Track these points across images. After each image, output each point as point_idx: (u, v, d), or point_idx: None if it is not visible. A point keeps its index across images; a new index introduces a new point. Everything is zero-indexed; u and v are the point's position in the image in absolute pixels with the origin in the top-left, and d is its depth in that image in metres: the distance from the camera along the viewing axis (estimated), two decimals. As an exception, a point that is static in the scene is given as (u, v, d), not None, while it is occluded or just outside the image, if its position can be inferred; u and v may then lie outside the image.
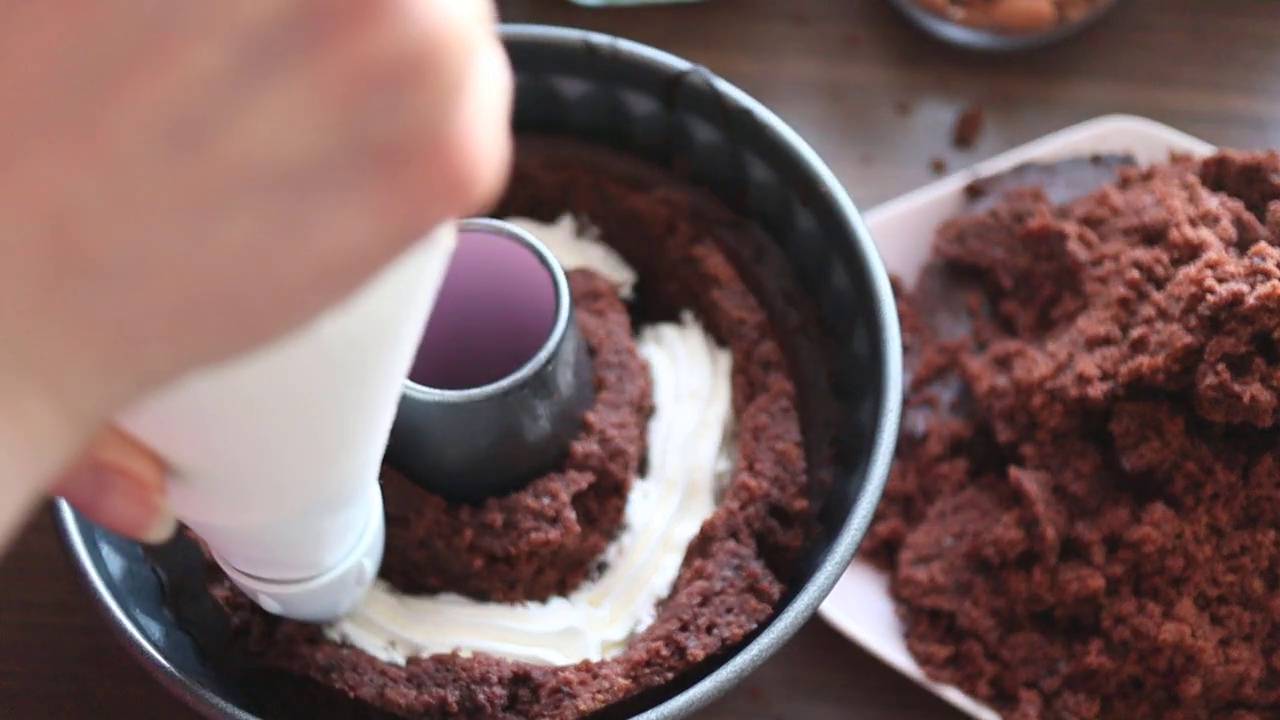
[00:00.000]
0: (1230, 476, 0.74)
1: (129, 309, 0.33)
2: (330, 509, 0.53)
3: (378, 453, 0.51)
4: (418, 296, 0.43)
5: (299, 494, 0.50)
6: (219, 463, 0.45)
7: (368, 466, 0.52)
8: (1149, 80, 1.00)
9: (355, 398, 0.45)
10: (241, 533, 0.53)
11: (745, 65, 1.00)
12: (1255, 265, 0.72)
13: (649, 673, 0.66)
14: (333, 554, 0.58)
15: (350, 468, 0.50)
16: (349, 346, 0.42)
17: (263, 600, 0.62)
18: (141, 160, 0.31)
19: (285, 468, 0.47)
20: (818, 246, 0.75)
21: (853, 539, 0.66)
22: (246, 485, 0.47)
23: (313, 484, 0.49)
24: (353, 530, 0.58)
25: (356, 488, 0.53)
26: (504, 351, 0.68)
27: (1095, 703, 0.76)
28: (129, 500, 0.44)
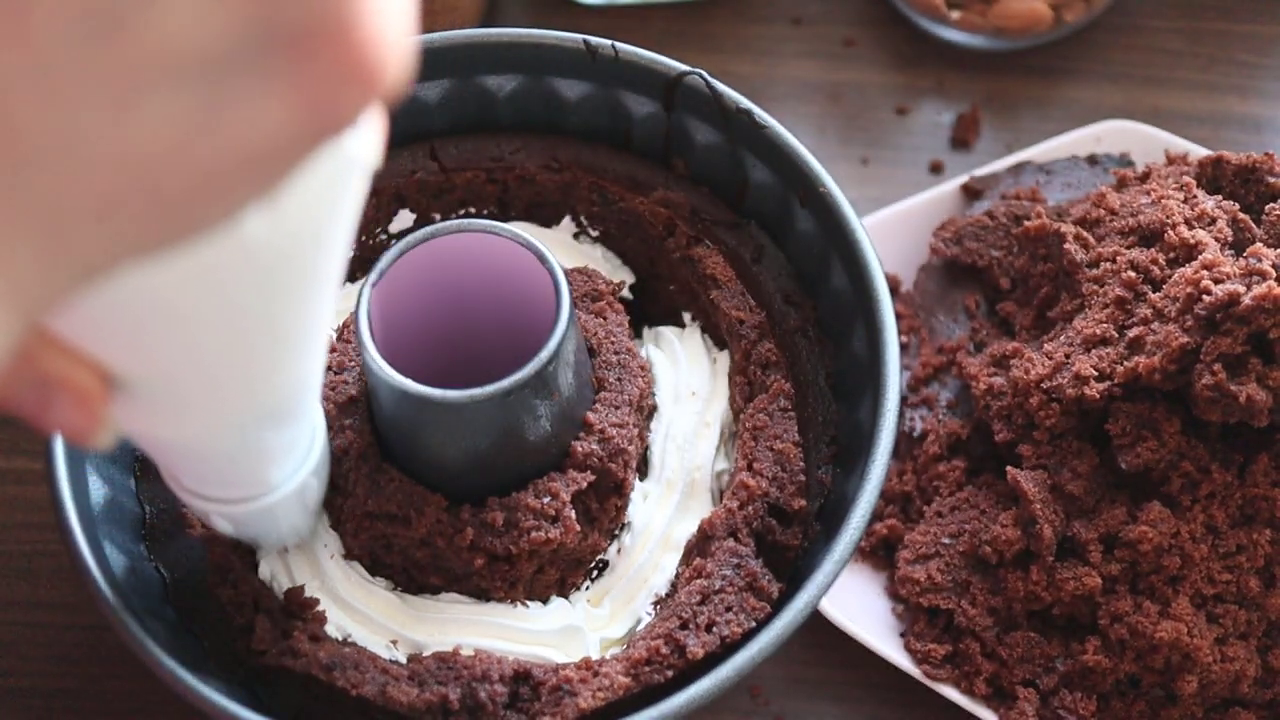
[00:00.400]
0: (1226, 476, 0.75)
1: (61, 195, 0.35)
2: (271, 423, 0.54)
3: (315, 372, 0.53)
4: (338, 205, 0.45)
5: (236, 405, 0.51)
6: (156, 369, 0.47)
7: (304, 383, 0.53)
8: (1145, 82, 1.01)
9: (283, 305, 0.46)
10: (186, 446, 0.54)
11: (744, 67, 1.01)
12: (1251, 266, 0.73)
13: (649, 671, 0.66)
14: (278, 471, 0.59)
15: (285, 381, 0.51)
16: (273, 248, 0.43)
17: (215, 521, 0.62)
18: (64, 44, 0.33)
19: (220, 375, 0.48)
20: (816, 247, 0.76)
21: (851, 538, 0.66)
22: (184, 394, 0.49)
23: (248, 395, 0.51)
24: (297, 448, 0.59)
25: (295, 404, 0.54)
26: (504, 351, 0.69)
27: (1092, 701, 0.76)
28: (74, 410, 0.45)
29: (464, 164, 0.79)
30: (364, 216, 0.78)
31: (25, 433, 0.87)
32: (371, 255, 0.79)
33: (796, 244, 0.77)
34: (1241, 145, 0.97)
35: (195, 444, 0.54)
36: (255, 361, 0.49)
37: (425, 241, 0.66)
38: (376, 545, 0.69)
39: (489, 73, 0.79)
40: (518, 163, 0.79)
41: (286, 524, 0.65)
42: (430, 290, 0.69)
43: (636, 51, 0.78)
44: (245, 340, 0.47)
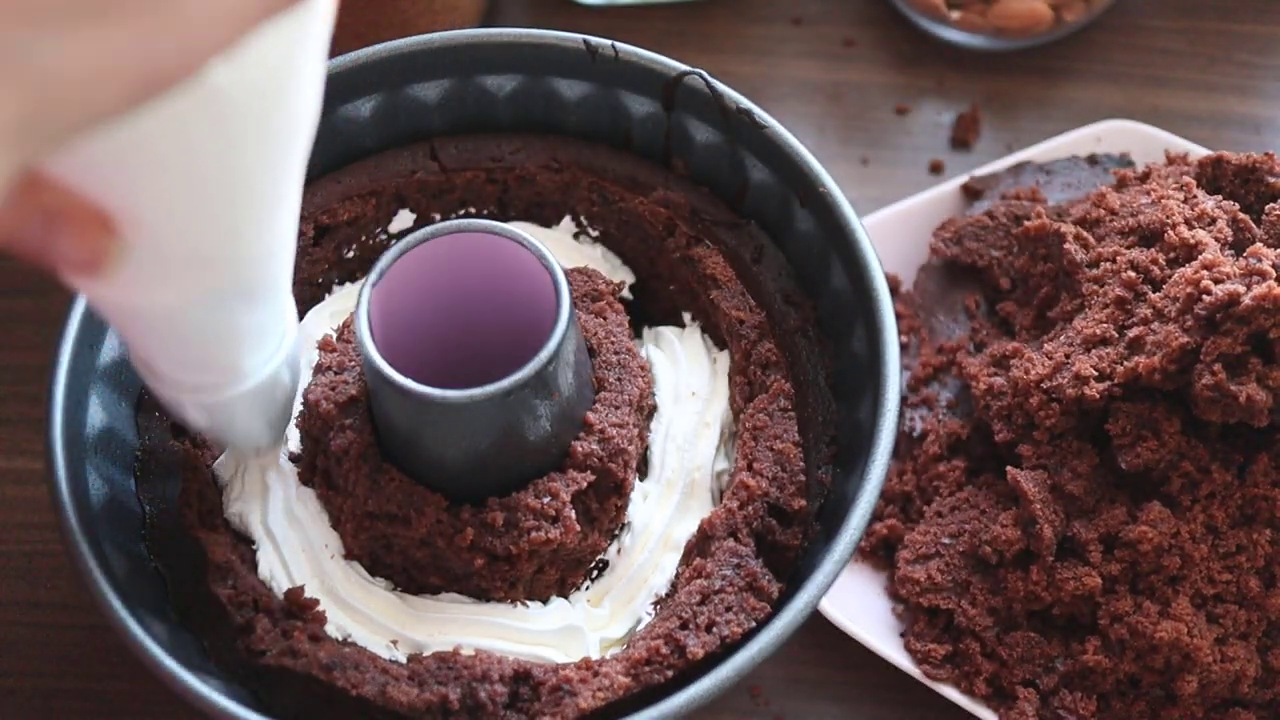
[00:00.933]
0: (1226, 476, 0.75)
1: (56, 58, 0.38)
2: (242, 300, 0.57)
3: (284, 249, 0.56)
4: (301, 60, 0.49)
5: (211, 269, 0.54)
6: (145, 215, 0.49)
7: (273, 257, 0.56)
8: (1145, 82, 1.01)
9: (249, 157, 0.50)
10: (162, 319, 0.56)
11: (744, 67, 1.01)
12: (1251, 266, 0.73)
13: (649, 671, 0.66)
14: (250, 358, 0.61)
15: (256, 249, 0.54)
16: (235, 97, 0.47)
17: (189, 413, 0.63)
18: None
19: (193, 233, 0.51)
20: (816, 247, 0.76)
21: (851, 538, 0.66)
22: (163, 254, 0.51)
23: (222, 259, 0.54)
24: (269, 336, 0.61)
25: (264, 280, 0.57)
26: (504, 351, 0.69)
27: (1092, 701, 0.76)
28: (77, 240, 0.48)
29: (464, 164, 0.79)
30: (364, 216, 0.78)
31: (25, 433, 0.87)
32: (371, 255, 0.79)
33: (796, 244, 0.77)
34: (1241, 145, 0.97)
35: (171, 317, 0.56)
36: (227, 220, 0.52)
37: (425, 241, 0.66)
38: (376, 545, 0.69)
39: (489, 73, 0.79)
40: (518, 163, 0.79)
41: (259, 420, 0.65)
42: (430, 290, 0.69)
43: (636, 51, 0.78)
44: (216, 194, 0.50)
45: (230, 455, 0.73)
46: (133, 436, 0.72)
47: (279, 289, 0.59)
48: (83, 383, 0.70)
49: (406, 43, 0.77)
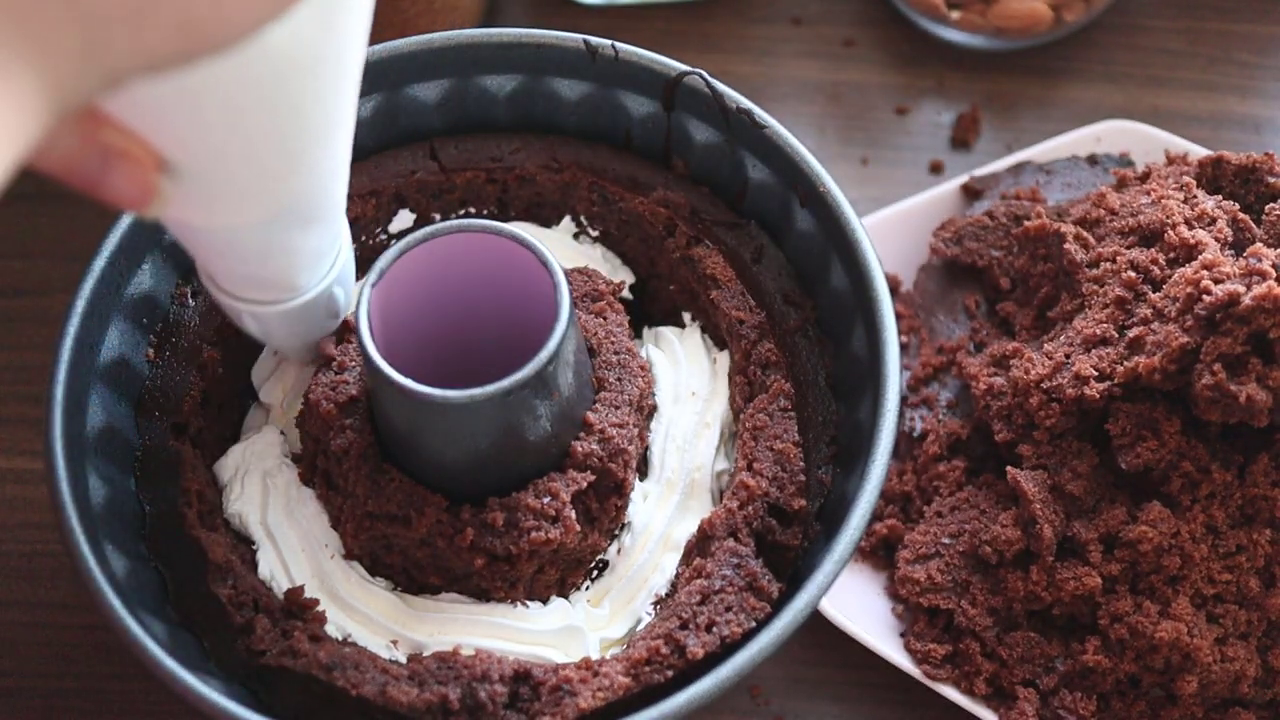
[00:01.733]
0: (1226, 476, 0.75)
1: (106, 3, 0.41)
2: (297, 224, 0.59)
3: (338, 177, 0.59)
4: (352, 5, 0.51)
5: (269, 195, 0.56)
6: (199, 154, 0.52)
7: (327, 185, 0.59)
8: (1145, 82, 1.01)
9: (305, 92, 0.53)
10: (224, 240, 0.59)
11: (744, 67, 1.01)
12: (1251, 266, 0.73)
13: (649, 671, 0.66)
14: (307, 277, 0.64)
15: (311, 176, 0.57)
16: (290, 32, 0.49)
17: (245, 321, 0.66)
18: None
19: (255, 165, 0.54)
20: (816, 247, 0.76)
21: (851, 538, 0.66)
22: (225, 181, 0.54)
23: (280, 186, 0.56)
24: (324, 258, 0.64)
25: (322, 205, 0.60)
26: (505, 351, 0.69)
27: (1092, 701, 0.76)
28: (129, 178, 0.51)
29: (464, 164, 0.79)
30: (364, 216, 0.79)
31: (25, 433, 0.87)
32: (371, 255, 0.79)
33: (796, 244, 0.77)
34: (1241, 145, 0.97)
35: (231, 238, 0.59)
36: (285, 151, 0.54)
37: (425, 241, 0.66)
38: (377, 545, 0.69)
39: (489, 73, 0.79)
40: (517, 163, 0.79)
41: (311, 331, 0.68)
42: (430, 290, 0.69)
43: (636, 51, 0.78)
44: (269, 126, 0.53)
45: (231, 455, 0.73)
46: (133, 436, 0.72)
47: (334, 213, 0.62)
48: (83, 383, 0.70)
49: (406, 43, 0.77)
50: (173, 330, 0.74)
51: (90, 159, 0.50)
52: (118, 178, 0.51)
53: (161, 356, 0.74)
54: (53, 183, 0.50)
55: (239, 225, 0.58)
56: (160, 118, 0.50)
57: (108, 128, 0.50)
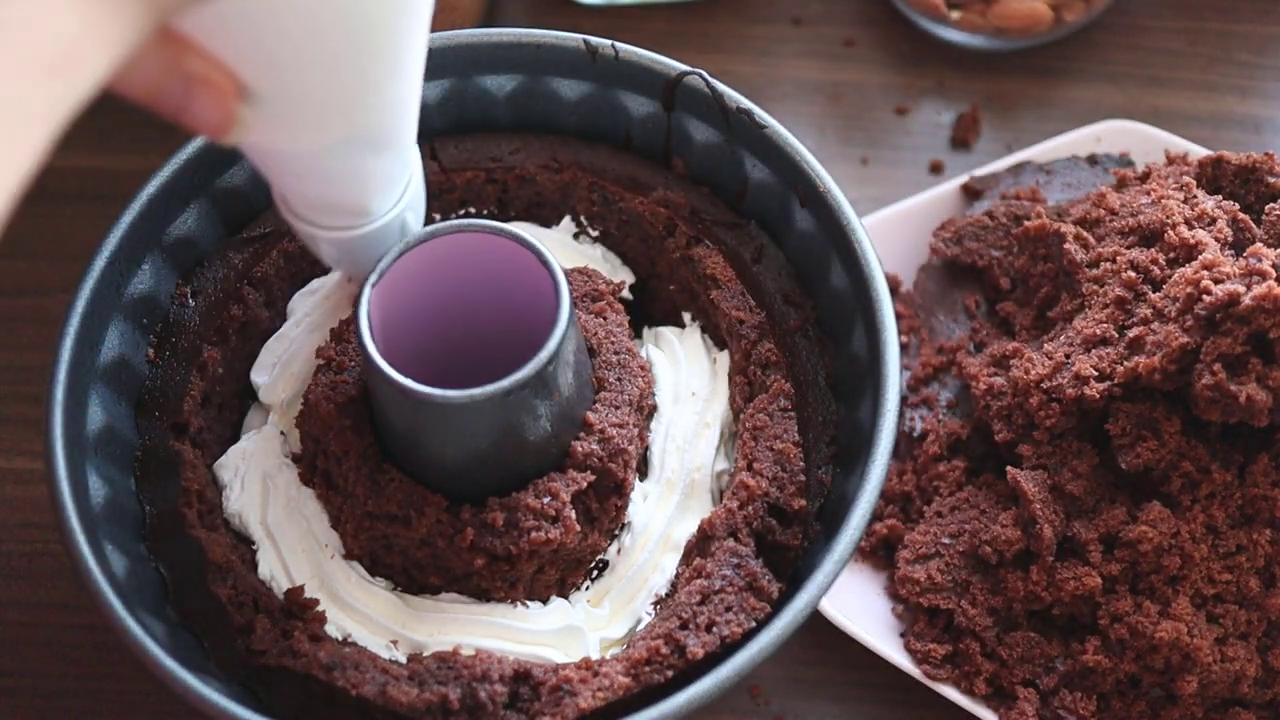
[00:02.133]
0: (1226, 476, 0.75)
1: None
2: (373, 147, 0.61)
3: (411, 101, 0.61)
4: None
5: (345, 118, 0.58)
6: (279, 75, 0.54)
7: (404, 110, 0.61)
8: (1145, 82, 1.01)
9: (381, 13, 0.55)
10: (301, 165, 0.61)
11: (744, 67, 1.01)
12: (1251, 266, 0.73)
13: (649, 671, 0.66)
14: (380, 202, 0.65)
15: (386, 99, 0.59)
16: None
17: (322, 248, 0.67)
18: None
19: (332, 86, 0.56)
20: (816, 247, 0.76)
21: (851, 538, 0.66)
22: (302, 103, 0.56)
23: (355, 108, 0.58)
24: (396, 183, 0.65)
25: (395, 130, 0.62)
26: (505, 351, 0.69)
27: (1092, 701, 0.76)
28: (211, 105, 0.53)
29: (464, 164, 0.79)
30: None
31: (25, 433, 0.87)
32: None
33: (796, 244, 0.77)
34: (1241, 145, 0.97)
35: (307, 162, 0.61)
36: (356, 71, 0.56)
37: (425, 241, 0.66)
38: (377, 545, 0.69)
39: (489, 73, 0.79)
40: (517, 163, 0.79)
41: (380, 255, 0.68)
42: (430, 290, 0.69)
43: (636, 51, 0.78)
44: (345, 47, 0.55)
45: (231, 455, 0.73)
46: (133, 436, 0.72)
47: (406, 138, 0.63)
48: (83, 383, 0.70)
49: (406, 43, 0.77)
50: (173, 330, 0.74)
51: (174, 86, 0.52)
52: (199, 105, 0.53)
53: (161, 356, 0.74)
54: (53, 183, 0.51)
55: (315, 149, 0.60)
56: (243, 37, 0.52)
57: (191, 54, 0.52)
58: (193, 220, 0.76)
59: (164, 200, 0.74)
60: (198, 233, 0.76)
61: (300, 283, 0.78)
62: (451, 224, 0.67)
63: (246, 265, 0.76)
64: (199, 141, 0.75)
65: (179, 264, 0.76)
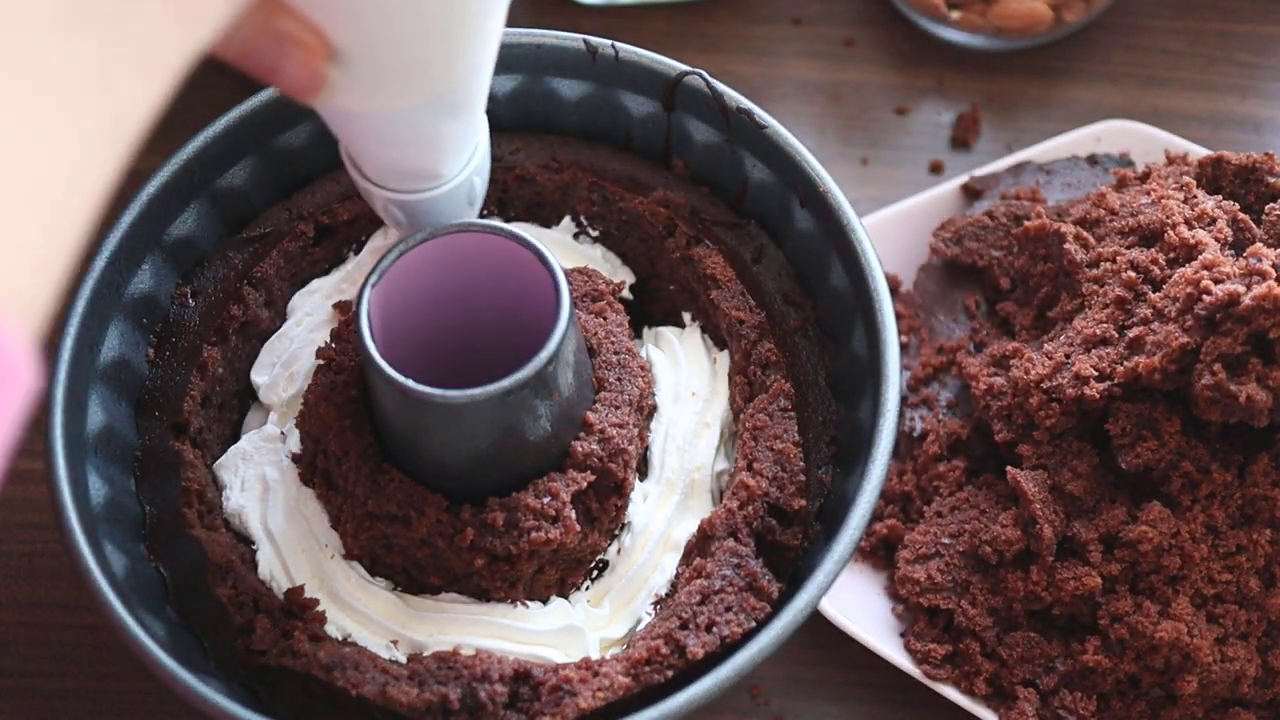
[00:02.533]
0: (1226, 476, 0.75)
1: None
2: (450, 109, 0.62)
3: (487, 68, 0.62)
4: None
5: (429, 80, 0.59)
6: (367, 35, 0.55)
7: (481, 73, 0.62)
8: (1145, 82, 1.01)
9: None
10: (379, 127, 0.62)
11: (744, 67, 1.01)
12: (1251, 266, 0.73)
13: (649, 671, 0.66)
14: (450, 164, 0.66)
15: (469, 60, 0.60)
16: None
17: (391, 211, 0.67)
18: None
19: (418, 48, 0.57)
20: (816, 247, 0.76)
21: (851, 538, 0.66)
22: (389, 65, 0.57)
23: (439, 71, 0.59)
24: (465, 146, 0.66)
25: (472, 92, 0.62)
26: (505, 351, 0.69)
27: (1092, 701, 0.76)
28: (302, 65, 0.55)
29: (464, 164, 0.79)
30: (364, 216, 0.78)
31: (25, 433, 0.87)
32: (371, 255, 0.79)
33: (796, 244, 0.77)
34: (1241, 145, 0.97)
35: (386, 123, 0.62)
36: (444, 32, 0.57)
37: (425, 241, 0.66)
38: (377, 545, 0.69)
39: (489, 73, 0.79)
40: (518, 163, 0.79)
41: (453, 216, 0.69)
42: (430, 290, 0.69)
43: (636, 51, 0.78)
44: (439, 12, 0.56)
45: (231, 455, 0.73)
46: (133, 436, 0.72)
47: (480, 102, 0.64)
48: (83, 383, 0.70)
49: (406, 43, 0.77)
50: (173, 330, 0.74)
51: (266, 47, 0.54)
52: (290, 65, 0.54)
53: (161, 356, 0.74)
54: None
55: (396, 111, 0.61)
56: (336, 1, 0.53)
57: (284, 15, 0.53)
58: (193, 220, 0.76)
59: (164, 200, 0.74)
60: (198, 233, 0.76)
61: (300, 283, 0.78)
62: (451, 224, 0.67)
63: (246, 265, 0.76)
64: (199, 141, 0.75)
65: (179, 264, 0.76)
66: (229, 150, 0.76)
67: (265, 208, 0.78)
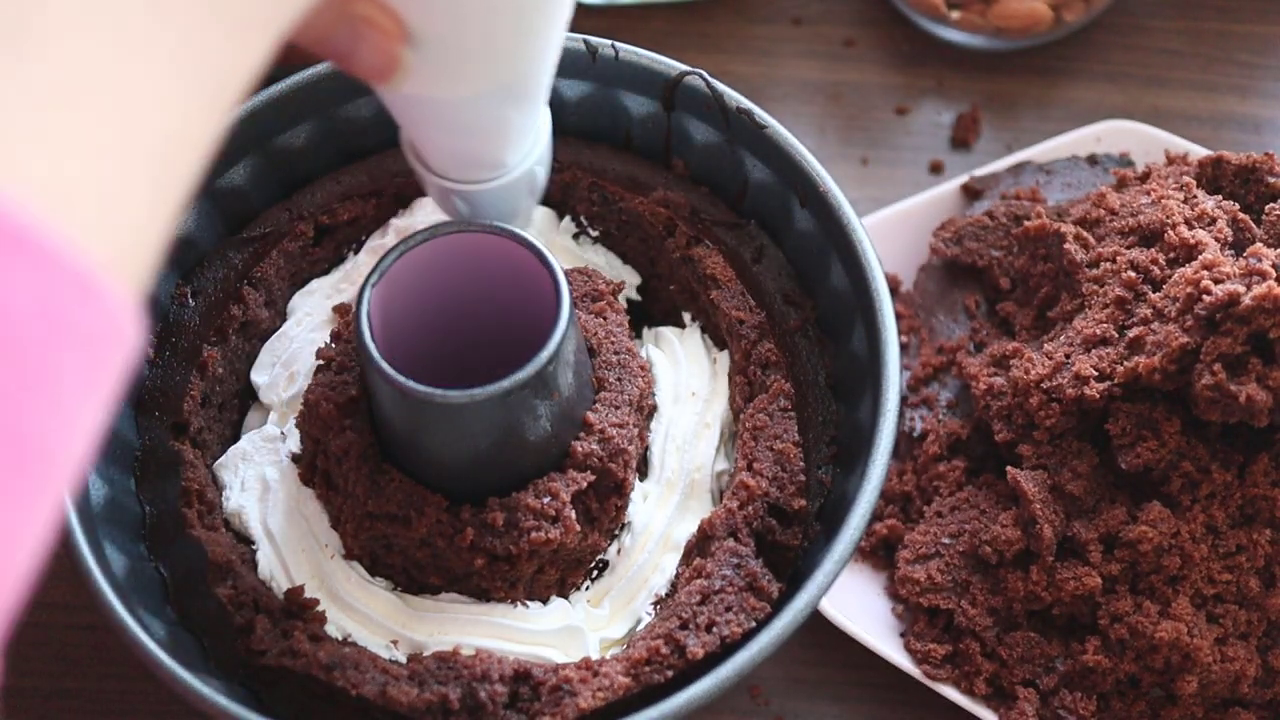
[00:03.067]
0: (1226, 476, 0.75)
1: None
2: (516, 97, 0.62)
3: (554, 56, 0.62)
4: None
5: (501, 66, 0.59)
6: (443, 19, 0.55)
7: (549, 61, 0.62)
8: (1145, 82, 1.01)
9: None
10: (447, 115, 0.62)
11: (744, 67, 1.01)
12: (1251, 266, 0.73)
13: (649, 671, 0.66)
14: (514, 153, 0.66)
15: (540, 46, 0.60)
16: None
17: (453, 203, 0.67)
18: None
19: (491, 33, 0.57)
20: (816, 247, 0.76)
21: (851, 538, 0.66)
22: (462, 50, 0.57)
23: (514, 56, 0.59)
24: (529, 135, 0.66)
25: (539, 81, 0.62)
26: (505, 351, 0.69)
27: (1092, 701, 0.76)
28: (377, 48, 0.54)
29: (464, 164, 0.79)
30: (364, 216, 0.79)
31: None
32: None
33: (796, 244, 0.77)
34: (1241, 145, 0.97)
35: (455, 111, 0.61)
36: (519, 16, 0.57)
37: (425, 241, 0.66)
38: (377, 545, 0.69)
39: (489, 73, 0.79)
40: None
41: (515, 206, 0.69)
42: (430, 290, 0.69)
43: (636, 51, 0.78)
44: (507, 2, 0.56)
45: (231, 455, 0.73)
46: (133, 436, 0.72)
47: (544, 90, 0.64)
48: (83, 383, 0.70)
49: (406, 43, 0.77)
50: (173, 330, 0.74)
51: (342, 31, 0.53)
52: (366, 49, 0.54)
53: (161, 356, 0.74)
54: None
55: (466, 98, 0.60)
56: None
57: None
58: (193, 220, 0.76)
59: (164, 200, 0.74)
60: (198, 232, 0.76)
61: (300, 283, 0.78)
62: (452, 224, 0.67)
63: (246, 265, 0.76)
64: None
65: (179, 264, 0.76)
66: (229, 150, 0.76)
67: (265, 208, 0.78)
